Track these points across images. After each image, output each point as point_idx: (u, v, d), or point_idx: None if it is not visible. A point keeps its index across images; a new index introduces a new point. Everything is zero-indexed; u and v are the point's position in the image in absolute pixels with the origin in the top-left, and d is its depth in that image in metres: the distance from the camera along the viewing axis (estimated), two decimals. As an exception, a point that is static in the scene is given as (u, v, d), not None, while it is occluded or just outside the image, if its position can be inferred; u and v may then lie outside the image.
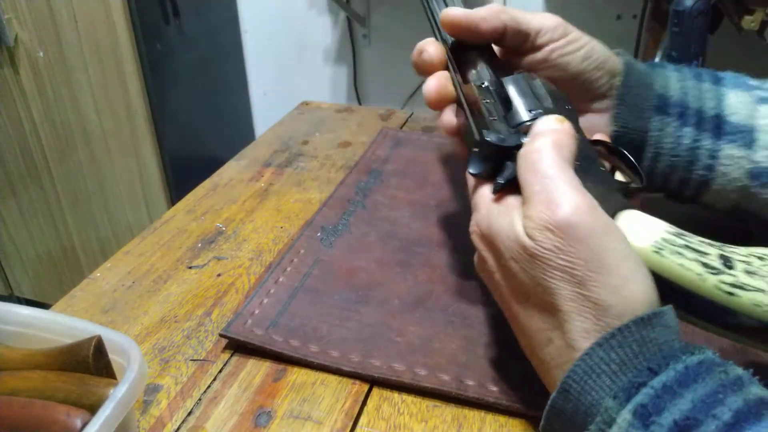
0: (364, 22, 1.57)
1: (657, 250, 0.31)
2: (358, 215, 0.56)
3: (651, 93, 0.43)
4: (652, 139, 0.44)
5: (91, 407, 0.31)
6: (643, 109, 0.43)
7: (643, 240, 0.32)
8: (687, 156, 0.43)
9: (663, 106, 0.43)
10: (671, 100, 0.43)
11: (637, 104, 0.43)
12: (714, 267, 0.31)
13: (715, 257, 0.31)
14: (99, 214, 1.53)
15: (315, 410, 0.37)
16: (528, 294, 0.32)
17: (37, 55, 1.34)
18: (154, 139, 1.39)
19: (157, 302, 0.47)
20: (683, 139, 0.43)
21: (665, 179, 0.45)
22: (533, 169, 0.32)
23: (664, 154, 0.44)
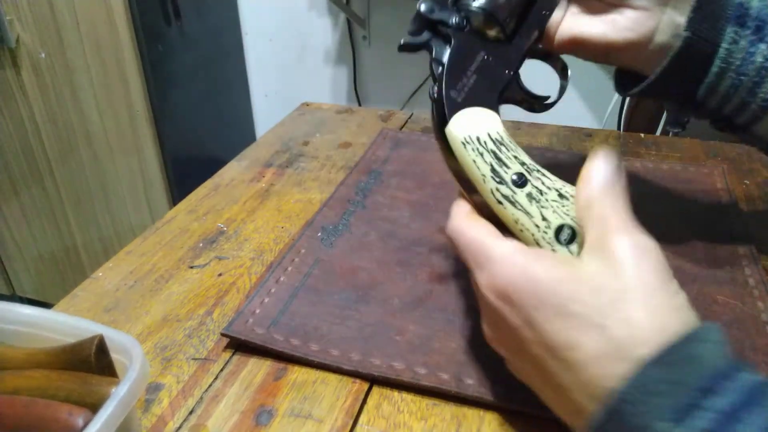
0: (364, 23, 1.57)
1: (464, 143, 0.35)
2: (358, 215, 0.56)
3: (730, 1, 0.40)
4: (723, 52, 0.40)
5: (93, 406, 0.31)
6: (719, 17, 0.40)
7: (462, 130, 0.35)
8: (755, 76, 0.40)
9: (741, 16, 0.40)
10: (751, 11, 0.40)
11: (714, 11, 0.40)
12: (500, 177, 0.34)
13: (512, 172, 0.34)
14: (101, 213, 1.53)
15: (315, 408, 0.38)
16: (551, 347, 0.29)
17: (39, 56, 1.34)
18: (156, 139, 1.40)
19: (159, 302, 0.48)
20: (755, 56, 0.40)
21: (723, 101, 0.42)
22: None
23: (731, 70, 0.40)
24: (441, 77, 0.37)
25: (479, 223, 0.34)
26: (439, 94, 0.37)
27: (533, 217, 0.33)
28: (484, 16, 0.39)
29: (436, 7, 0.39)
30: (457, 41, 0.38)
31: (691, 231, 0.52)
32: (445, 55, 0.38)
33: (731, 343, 0.40)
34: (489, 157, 0.34)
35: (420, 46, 0.39)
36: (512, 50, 0.40)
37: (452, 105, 0.36)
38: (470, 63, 0.38)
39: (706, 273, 0.46)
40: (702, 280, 0.46)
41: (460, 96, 0.37)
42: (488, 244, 0.32)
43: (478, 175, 0.34)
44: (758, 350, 0.39)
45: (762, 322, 0.42)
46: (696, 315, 0.28)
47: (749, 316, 0.42)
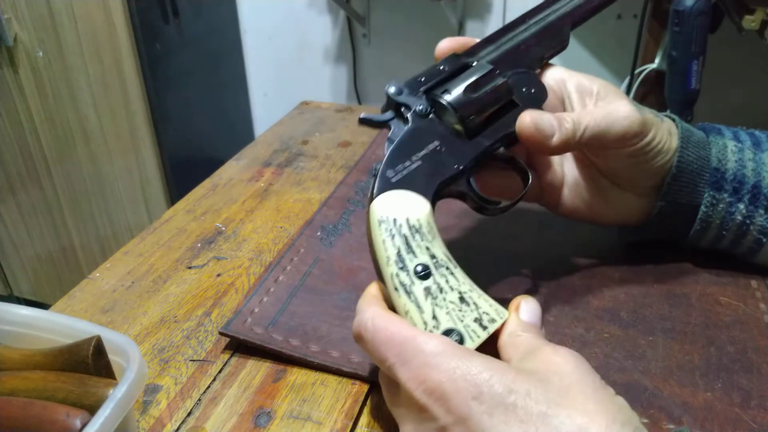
0: (364, 21, 1.57)
1: (380, 221, 0.34)
2: (358, 215, 0.56)
3: (707, 167, 0.42)
4: (702, 214, 0.43)
5: (90, 407, 0.30)
6: (696, 184, 0.42)
7: (382, 209, 0.35)
8: (737, 230, 0.43)
9: (718, 181, 0.42)
10: (727, 175, 0.42)
11: (692, 180, 0.42)
12: (404, 263, 0.33)
13: (417, 262, 0.33)
14: (98, 213, 1.53)
15: (315, 410, 0.37)
16: None
17: (37, 54, 1.34)
18: (154, 138, 1.39)
19: (157, 302, 0.47)
20: (735, 215, 0.42)
21: (714, 244, 0.45)
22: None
23: (712, 228, 0.44)
24: (385, 154, 0.38)
25: (398, 317, 0.32)
26: (378, 171, 0.37)
27: (424, 312, 0.32)
28: (447, 109, 0.39)
29: (406, 91, 0.39)
30: (413, 125, 0.39)
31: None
32: (399, 136, 0.38)
33: (734, 344, 0.40)
34: (399, 241, 0.34)
35: (380, 123, 0.40)
36: (470, 147, 0.39)
37: (384, 183, 0.36)
38: (419, 148, 0.38)
39: (708, 274, 0.46)
40: (704, 282, 0.46)
41: (396, 177, 0.37)
42: (417, 338, 0.29)
43: (383, 256, 0.33)
44: (760, 351, 0.39)
45: (764, 324, 0.41)
46: (638, 418, 0.27)
47: (751, 317, 0.42)
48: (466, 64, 0.41)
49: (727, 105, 1.31)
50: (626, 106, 0.40)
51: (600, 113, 0.40)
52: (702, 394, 0.36)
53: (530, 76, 0.41)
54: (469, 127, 0.39)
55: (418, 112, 0.39)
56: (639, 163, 0.41)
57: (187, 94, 1.49)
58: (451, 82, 0.40)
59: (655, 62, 1.15)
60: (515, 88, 0.40)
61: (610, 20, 1.36)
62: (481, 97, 0.39)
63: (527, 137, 0.39)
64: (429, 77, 0.40)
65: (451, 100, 0.39)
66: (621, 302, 0.44)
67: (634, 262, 0.48)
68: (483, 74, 0.40)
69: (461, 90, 0.39)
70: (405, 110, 0.39)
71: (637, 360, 0.39)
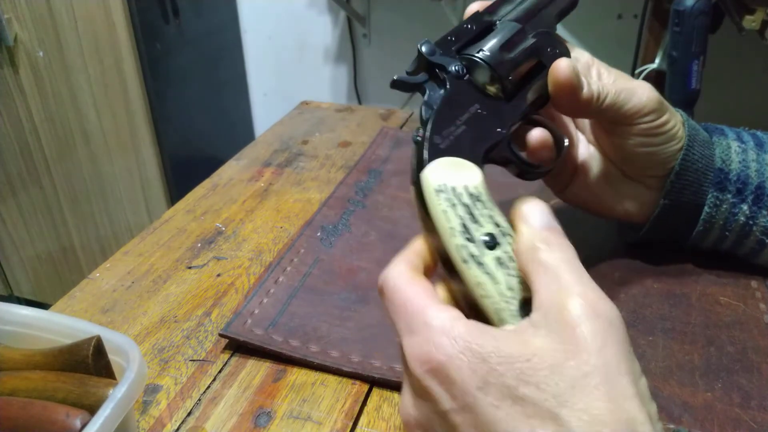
0: (364, 21, 1.57)
1: (438, 190, 0.32)
2: (358, 215, 0.56)
3: (711, 167, 0.42)
4: (705, 215, 0.43)
5: (90, 407, 0.30)
6: (701, 184, 0.43)
7: (437, 177, 0.32)
8: (739, 231, 0.43)
9: (722, 182, 0.42)
10: (731, 176, 0.42)
11: (697, 179, 0.42)
12: (470, 234, 0.30)
13: (483, 231, 0.31)
14: (98, 213, 1.53)
15: (315, 410, 0.37)
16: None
17: (37, 54, 1.34)
18: (154, 138, 1.39)
19: (157, 302, 0.47)
20: (738, 216, 0.43)
21: (716, 245, 0.45)
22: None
23: (715, 229, 0.44)
24: (428, 120, 0.35)
25: (421, 282, 0.29)
26: (422, 137, 0.35)
27: (499, 283, 0.30)
28: (485, 69, 0.37)
29: (438, 51, 0.37)
30: (452, 88, 0.37)
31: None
32: (437, 100, 0.36)
33: (734, 344, 0.40)
34: (461, 210, 0.31)
35: (414, 85, 0.38)
36: (509, 110, 0.38)
37: (434, 150, 0.34)
38: (461, 112, 0.36)
39: (708, 274, 0.46)
40: (704, 282, 0.46)
41: (444, 143, 0.35)
42: (427, 310, 0.27)
43: (446, 227, 0.31)
44: (760, 352, 0.39)
45: (764, 324, 0.41)
46: (656, 404, 0.25)
47: (752, 317, 0.42)
48: (491, 22, 0.40)
49: (727, 105, 1.31)
50: (646, 84, 0.41)
51: (621, 85, 0.40)
52: (702, 394, 0.36)
53: (553, 37, 0.41)
54: (506, 88, 0.38)
55: (454, 74, 0.37)
56: (652, 145, 0.41)
57: (187, 94, 1.49)
58: (482, 42, 0.39)
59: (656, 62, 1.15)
60: (542, 49, 0.40)
61: (610, 20, 1.36)
62: (517, 56, 0.38)
63: (565, 81, 0.38)
64: (458, 36, 0.39)
65: (489, 59, 0.37)
66: (621, 302, 0.44)
67: (634, 262, 0.48)
68: (514, 33, 0.39)
69: (497, 48, 0.38)
70: (440, 72, 0.37)
71: (637, 360, 0.39)
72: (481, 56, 0.38)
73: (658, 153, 0.42)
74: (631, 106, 0.40)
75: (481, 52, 0.38)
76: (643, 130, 0.41)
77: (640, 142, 0.41)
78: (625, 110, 0.40)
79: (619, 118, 0.41)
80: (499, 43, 0.38)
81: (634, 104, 0.40)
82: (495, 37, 0.39)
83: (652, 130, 0.41)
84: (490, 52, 0.38)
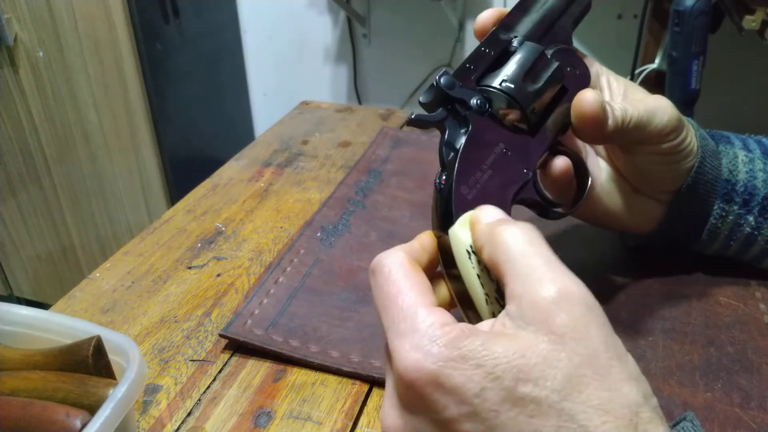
0: (364, 21, 1.57)
1: (469, 253, 0.29)
2: (358, 215, 0.56)
3: (718, 178, 0.42)
4: (710, 225, 0.43)
5: (90, 407, 0.30)
6: (709, 195, 0.42)
7: (468, 236, 0.29)
8: (744, 240, 0.43)
9: (728, 193, 0.42)
10: (737, 187, 0.42)
11: (705, 191, 0.42)
12: (506, 301, 0.27)
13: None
14: (98, 213, 1.53)
15: (315, 410, 0.37)
16: None
17: (37, 54, 1.34)
18: (154, 138, 1.39)
19: (157, 302, 0.47)
20: (743, 227, 0.42)
21: (721, 251, 0.45)
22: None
23: (720, 239, 0.44)
24: (452, 166, 0.32)
25: (418, 276, 0.28)
26: (447, 187, 0.32)
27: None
28: (507, 101, 0.35)
29: (457, 83, 0.34)
30: (475, 128, 0.33)
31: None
32: (459, 140, 0.33)
33: (734, 345, 0.40)
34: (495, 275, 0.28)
35: (433, 124, 0.34)
36: (533, 145, 0.35)
37: (462, 203, 0.31)
38: (487, 156, 0.33)
39: (708, 275, 0.46)
40: (704, 282, 0.46)
41: (471, 193, 0.32)
42: (418, 310, 0.26)
43: (479, 293, 0.28)
44: (760, 352, 0.39)
45: (764, 324, 0.41)
46: (647, 383, 0.24)
47: (751, 317, 0.42)
48: (507, 43, 0.37)
49: (727, 105, 1.31)
50: (665, 101, 0.39)
51: (642, 105, 0.38)
52: (702, 394, 0.36)
53: (572, 54, 0.38)
54: (531, 119, 0.35)
55: (475, 109, 0.34)
56: (669, 163, 0.40)
57: (188, 93, 1.49)
58: (502, 69, 0.36)
59: (656, 62, 1.15)
60: (563, 69, 0.37)
61: (610, 20, 1.36)
62: (541, 86, 0.35)
63: (590, 115, 0.36)
64: (476, 64, 0.36)
65: (512, 91, 0.35)
66: (621, 302, 0.44)
67: (634, 262, 0.48)
68: (536, 58, 0.36)
69: (519, 78, 0.35)
70: (461, 108, 0.34)
71: (637, 360, 0.39)
72: (504, 88, 0.35)
73: (674, 170, 0.41)
74: (653, 127, 0.38)
75: (503, 83, 0.35)
76: (663, 149, 0.39)
77: (657, 160, 0.40)
78: (648, 131, 0.38)
79: (642, 140, 0.39)
80: (522, 71, 0.35)
81: (656, 124, 0.38)
82: (516, 64, 0.36)
83: (672, 149, 0.40)
84: (513, 83, 0.35)
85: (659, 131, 0.38)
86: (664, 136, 0.39)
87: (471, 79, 0.35)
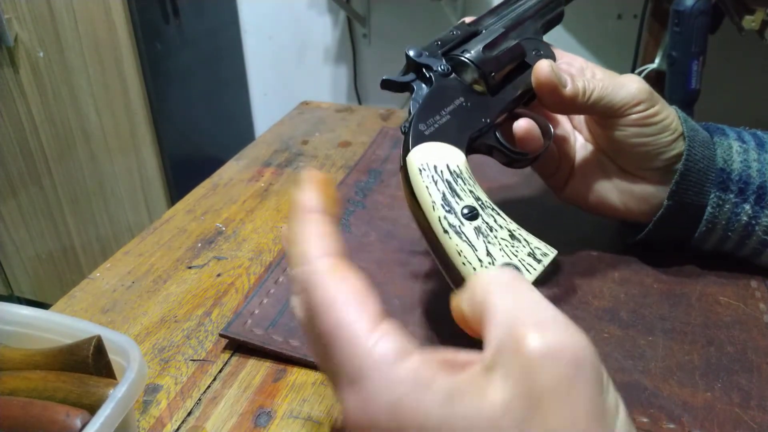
0: (365, 21, 1.57)
1: (420, 169, 0.35)
2: (358, 215, 0.56)
3: (712, 167, 0.42)
4: (708, 215, 0.43)
5: (90, 407, 0.30)
6: (703, 184, 0.43)
7: (420, 158, 0.35)
8: (742, 231, 0.43)
9: (724, 181, 0.42)
10: (732, 175, 0.42)
11: (699, 179, 0.42)
12: (450, 206, 0.33)
13: (463, 204, 0.33)
14: (99, 213, 1.53)
15: (315, 410, 0.37)
16: None
17: (37, 54, 1.34)
18: (154, 138, 1.39)
19: (157, 302, 0.47)
20: (740, 216, 0.43)
21: (719, 246, 0.45)
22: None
23: (718, 229, 0.44)
24: (413, 111, 0.38)
25: (351, 282, 0.24)
26: (408, 127, 0.37)
27: (477, 250, 0.33)
28: (469, 67, 0.40)
29: (425, 53, 0.41)
30: (437, 83, 0.40)
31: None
32: (424, 95, 0.39)
33: (734, 344, 0.40)
34: (442, 186, 0.34)
35: (402, 84, 0.41)
36: (494, 102, 0.41)
37: (418, 136, 0.37)
38: (446, 104, 0.39)
39: (708, 274, 0.46)
40: (704, 281, 0.46)
41: (428, 130, 0.37)
42: (368, 341, 0.22)
43: (428, 202, 0.34)
44: (760, 352, 0.39)
45: (764, 324, 0.42)
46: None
47: (751, 317, 0.42)
48: (476, 30, 0.44)
49: (727, 105, 1.31)
50: (635, 77, 0.42)
51: (609, 79, 0.42)
52: (702, 394, 0.36)
53: (538, 41, 0.44)
54: (490, 83, 0.41)
55: (440, 72, 0.40)
56: (645, 135, 0.42)
57: (188, 93, 1.49)
58: (467, 44, 0.42)
59: (655, 62, 1.15)
60: (527, 51, 0.43)
61: (610, 20, 1.36)
62: (499, 54, 0.41)
63: (544, 80, 0.40)
64: (444, 41, 0.42)
65: (472, 57, 0.40)
66: (621, 302, 0.44)
67: (635, 262, 0.48)
68: (498, 35, 0.42)
69: (480, 48, 0.41)
70: (426, 71, 0.40)
71: (637, 360, 0.39)
72: (467, 56, 0.41)
73: (652, 143, 0.42)
74: (620, 99, 0.41)
75: (465, 53, 0.41)
76: (634, 120, 0.42)
77: (632, 132, 0.42)
78: (614, 102, 0.41)
79: (610, 111, 0.42)
80: (482, 44, 0.41)
81: (623, 96, 0.41)
82: (479, 40, 0.42)
83: (643, 120, 0.41)
84: (474, 51, 0.41)
85: (626, 102, 0.41)
86: (631, 107, 0.41)
87: (438, 52, 0.41)
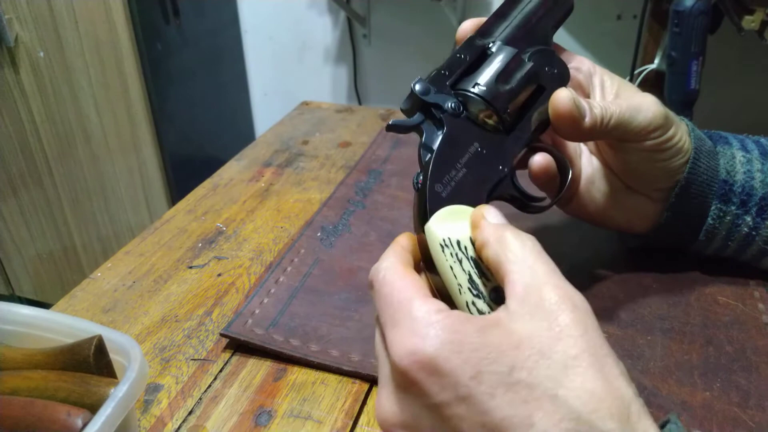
0: (365, 21, 1.57)
1: (443, 245, 0.31)
2: (358, 215, 0.56)
3: (715, 178, 0.42)
4: (708, 226, 0.43)
5: (91, 407, 0.31)
6: (705, 196, 0.42)
7: (442, 230, 0.31)
8: (742, 240, 0.43)
9: (726, 193, 0.42)
10: (735, 187, 0.42)
11: (701, 191, 0.42)
12: (478, 290, 0.30)
13: (491, 287, 0.30)
14: (99, 213, 1.53)
15: (315, 409, 0.38)
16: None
17: (38, 55, 1.34)
18: (155, 138, 1.39)
19: (158, 302, 0.47)
20: (741, 227, 0.42)
21: (719, 252, 0.45)
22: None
23: (717, 239, 0.44)
24: (427, 167, 0.34)
25: (410, 275, 0.29)
26: (423, 186, 0.33)
27: None
28: (481, 104, 0.36)
29: (432, 89, 0.36)
30: (449, 128, 0.35)
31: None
32: (435, 141, 0.35)
33: (732, 344, 0.40)
34: (468, 265, 0.30)
35: (410, 128, 0.36)
36: (509, 143, 0.37)
37: (435, 199, 0.33)
38: (461, 155, 0.35)
39: (707, 274, 0.46)
40: (703, 282, 0.46)
41: (445, 190, 0.33)
42: (413, 302, 0.27)
43: (454, 285, 0.30)
44: (759, 351, 0.39)
45: (762, 324, 0.42)
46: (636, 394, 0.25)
47: (750, 317, 0.42)
48: (484, 48, 0.38)
49: (727, 105, 1.31)
50: (651, 98, 0.40)
51: (625, 103, 0.39)
52: (701, 393, 0.37)
53: (550, 55, 0.39)
54: (505, 120, 0.36)
55: (450, 112, 0.36)
56: (658, 160, 0.41)
57: (188, 93, 1.49)
58: (477, 73, 0.37)
59: (655, 62, 1.15)
60: (540, 72, 0.38)
61: (610, 20, 1.36)
62: (514, 86, 0.37)
63: (565, 113, 0.37)
64: (452, 69, 0.37)
65: (485, 94, 0.36)
66: (620, 302, 0.44)
67: (634, 262, 0.48)
68: (509, 60, 0.37)
69: (492, 81, 0.36)
70: (436, 110, 0.36)
71: (636, 359, 0.39)
72: (477, 91, 0.36)
73: (664, 167, 0.41)
74: (636, 125, 0.38)
75: (476, 87, 0.36)
76: (649, 146, 0.40)
77: (645, 157, 0.41)
78: (631, 129, 0.39)
79: (625, 137, 0.39)
80: (495, 74, 0.37)
81: (640, 122, 0.38)
82: (490, 68, 0.37)
83: (659, 146, 0.40)
84: (485, 86, 0.36)
85: (643, 128, 0.39)
86: (647, 134, 0.39)
87: (446, 84, 0.37)
